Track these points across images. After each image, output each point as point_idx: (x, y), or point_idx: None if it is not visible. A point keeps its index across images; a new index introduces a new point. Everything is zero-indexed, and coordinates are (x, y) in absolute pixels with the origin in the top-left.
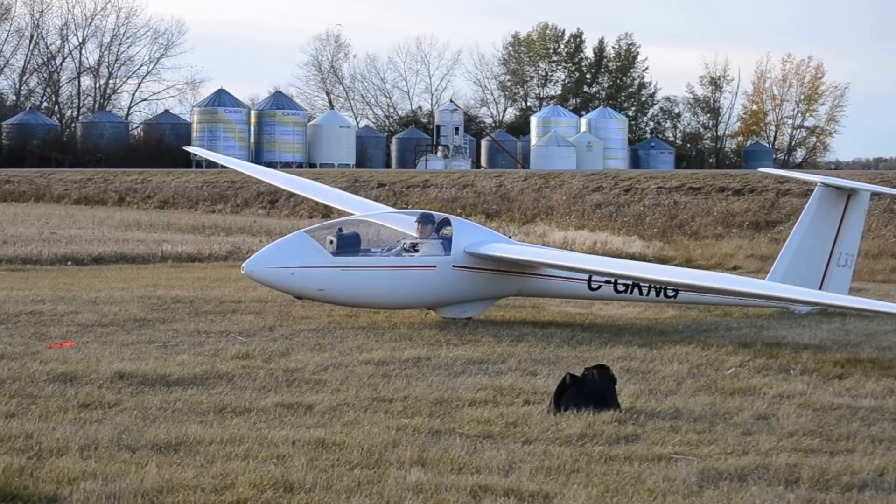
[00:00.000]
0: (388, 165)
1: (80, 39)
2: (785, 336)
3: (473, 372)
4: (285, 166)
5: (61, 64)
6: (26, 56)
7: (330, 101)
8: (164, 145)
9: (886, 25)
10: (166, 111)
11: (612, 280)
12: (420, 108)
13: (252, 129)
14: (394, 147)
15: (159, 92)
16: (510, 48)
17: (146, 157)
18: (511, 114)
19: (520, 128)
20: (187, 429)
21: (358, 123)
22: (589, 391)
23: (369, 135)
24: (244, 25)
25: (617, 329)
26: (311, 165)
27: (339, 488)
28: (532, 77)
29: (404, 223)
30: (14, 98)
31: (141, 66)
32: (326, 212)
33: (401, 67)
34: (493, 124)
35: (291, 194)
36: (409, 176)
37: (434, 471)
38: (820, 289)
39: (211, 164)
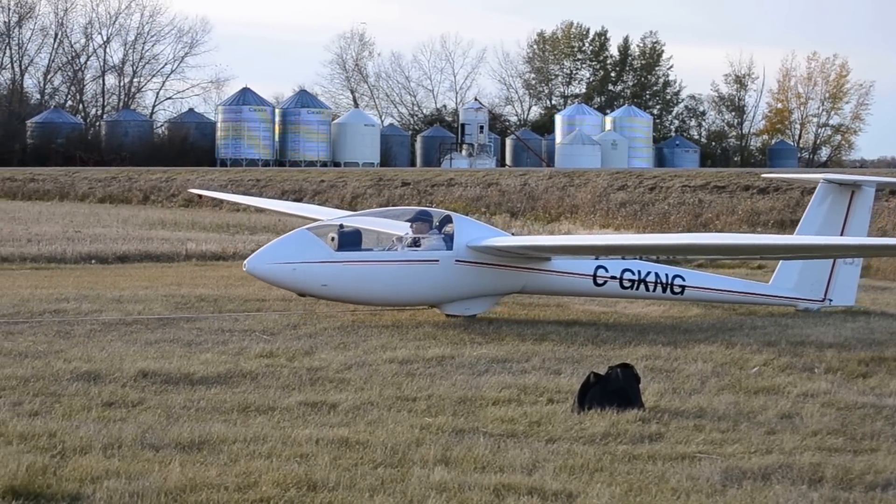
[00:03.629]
0: (412, 164)
1: (105, 38)
2: (809, 335)
3: (497, 371)
4: (310, 165)
5: (86, 62)
6: (51, 54)
7: (354, 100)
8: (188, 144)
9: None
10: (191, 110)
11: (618, 276)
12: (444, 106)
13: (277, 127)
14: (418, 145)
15: (184, 90)
16: (535, 46)
17: (171, 155)
18: (536, 112)
19: (544, 126)
20: (211, 427)
21: (382, 122)
22: (613, 390)
23: (394, 133)
24: (269, 24)
25: (641, 328)
26: (336, 164)
27: (363, 487)
28: (557, 75)
29: (403, 221)
30: (38, 96)
31: (165, 64)
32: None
33: (425, 66)
34: (518, 123)
35: (316, 192)
36: (433, 174)
37: (457, 470)
38: (827, 288)
39: (236, 162)
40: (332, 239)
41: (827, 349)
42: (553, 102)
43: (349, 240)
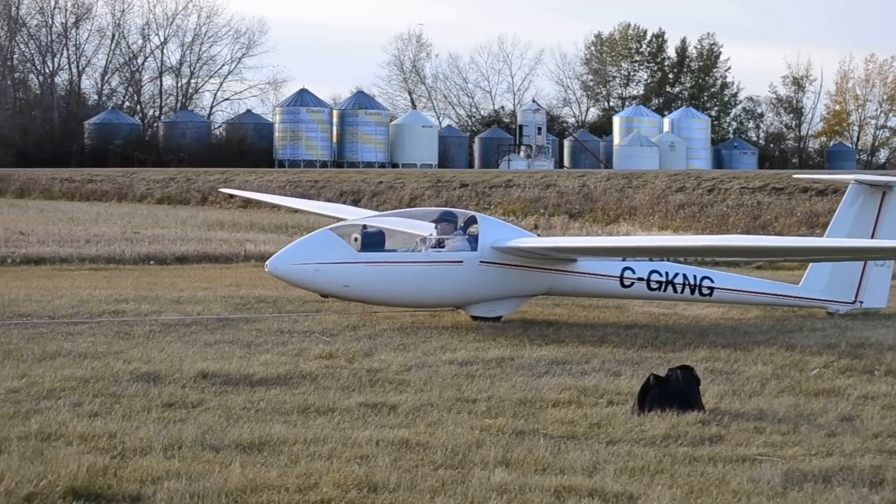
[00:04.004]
0: (470, 165)
1: (162, 39)
2: (869, 337)
3: (557, 372)
4: (368, 166)
5: (143, 63)
6: (108, 55)
7: (412, 101)
8: (246, 145)
9: None
10: (248, 111)
11: (645, 278)
12: (502, 107)
13: (335, 128)
14: (476, 147)
15: (241, 91)
16: (592, 48)
17: (229, 156)
18: (593, 114)
19: (602, 128)
20: (271, 428)
21: (440, 123)
22: (673, 392)
23: (451, 135)
24: (326, 25)
25: (701, 330)
26: (394, 165)
27: (423, 488)
28: (614, 77)
29: (427, 222)
30: (96, 97)
31: (223, 65)
32: None
33: (483, 67)
34: (576, 124)
35: (374, 194)
36: (491, 176)
37: (518, 471)
38: (858, 291)
39: (293, 164)
40: (356, 239)
41: (887, 351)
42: (611, 104)
43: (372, 240)
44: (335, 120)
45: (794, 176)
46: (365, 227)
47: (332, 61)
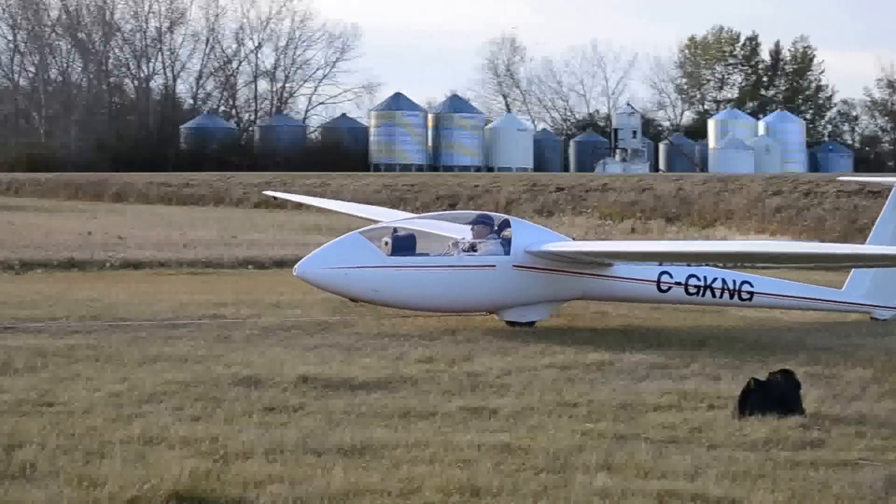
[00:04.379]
0: (565, 169)
1: (256, 43)
2: None
3: (657, 376)
4: (463, 170)
5: (237, 68)
6: (202, 60)
7: (507, 105)
8: (341, 149)
9: None
10: (343, 115)
11: (683, 282)
12: (597, 111)
13: (430, 132)
14: (571, 150)
15: (336, 95)
16: (686, 51)
17: (324, 160)
18: (688, 117)
19: (697, 131)
20: (372, 433)
21: (535, 127)
22: (773, 396)
23: (546, 138)
24: (419, 29)
25: (800, 333)
26: (489, 169)
27: (526, 493)
28: (708, 80)
29: (461, 226)
30: (191, 102)
31: (317, 69)
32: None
33: (577, 71)
34: (671, 127)
35: (471, 197)
36: (587, 180)
37: (620, 476)
38: None
39: (389, 168)
40: (386, 243)
41: None
42: (705, 107)
43: (403, 244)
44: (430, 124)
45: (839, 178)
46: (395, 230)
47: (426, 65)
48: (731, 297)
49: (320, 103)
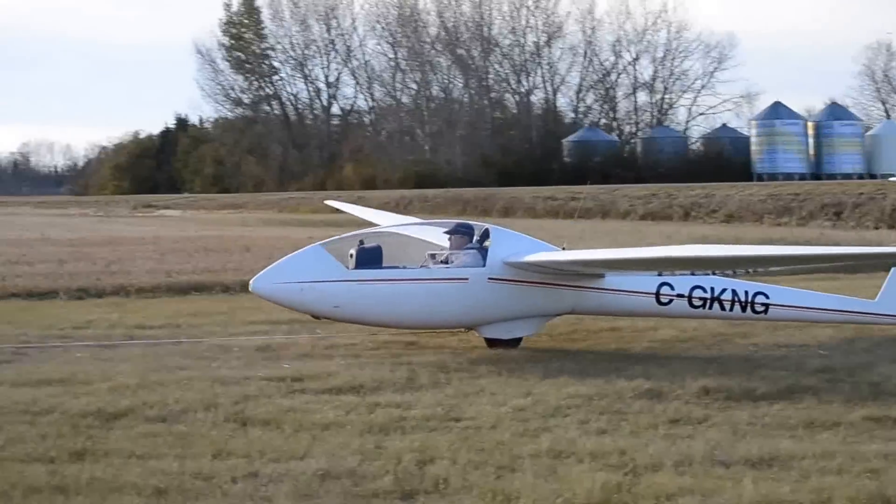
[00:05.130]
0: None
1: (633, 55)
2: None
3: None
4: (845, 177)
5: (616, 80)
6: (581, 73)
7: (885, 111)
8: (723, 159)
9: None
10: (724, 125)
11: (686, 294)
12: None
13: (810, 141)
14: None
15: (715, 105)
16: None
17: (706, 171)
18: None
19: None
20: (778, 443)
21: None
22: None
23: None
24: (795, 36)
25: None
26: (872, 176)
27: None
28: None
29: (437, 235)
30: (572, 115)
31: (695, 80)
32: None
33: None
34: None
35: (856, 205)
36: None
37: None
38: None
39: (772, 177)
40: (350, 256)
41: None
42: None
43: (368, 257)
44: (810, 132)
45: (892, 180)
46: (361, 242)
47: (804, 73)
48: (744, 309)
49: (700, 114)
